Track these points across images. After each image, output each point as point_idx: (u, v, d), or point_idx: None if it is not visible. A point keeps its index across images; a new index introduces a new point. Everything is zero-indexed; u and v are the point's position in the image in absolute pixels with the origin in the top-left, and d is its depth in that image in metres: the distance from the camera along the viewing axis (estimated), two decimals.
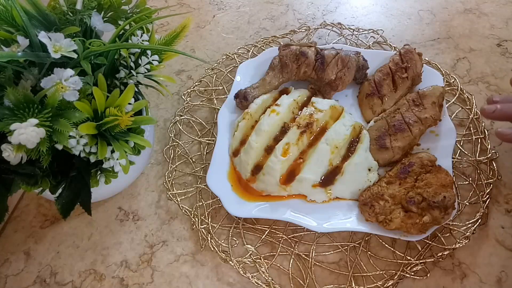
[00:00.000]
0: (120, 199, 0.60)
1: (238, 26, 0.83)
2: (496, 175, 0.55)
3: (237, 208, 0.54)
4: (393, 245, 0.51)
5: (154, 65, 0.49)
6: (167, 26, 0.84)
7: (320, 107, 0.60)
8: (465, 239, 0.50)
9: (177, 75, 0.75)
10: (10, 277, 0.54)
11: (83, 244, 0.56)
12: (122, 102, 0.43)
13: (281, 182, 0.55)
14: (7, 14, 0.43)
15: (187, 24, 0.52)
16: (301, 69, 0.63)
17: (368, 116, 0.63)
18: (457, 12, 0.80)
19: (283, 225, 0.55)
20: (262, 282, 0.50)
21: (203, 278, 0.52)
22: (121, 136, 0.45)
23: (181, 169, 0.62)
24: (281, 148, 0.56)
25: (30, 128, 0.36)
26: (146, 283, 0.52)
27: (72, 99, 0.39)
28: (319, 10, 0.84)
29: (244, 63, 0.70)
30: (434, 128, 0.59)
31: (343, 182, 0.55)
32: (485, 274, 0.49)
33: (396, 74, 0.62)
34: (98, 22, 0.48)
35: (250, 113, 0.62)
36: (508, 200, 0.54)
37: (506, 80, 0.67)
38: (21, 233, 0.57)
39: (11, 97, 0.37)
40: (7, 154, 0.38)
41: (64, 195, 0.46)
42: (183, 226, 0.57)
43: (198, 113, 0.69)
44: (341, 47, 0.67)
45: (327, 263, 0.51)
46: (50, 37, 0.40)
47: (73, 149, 0.41)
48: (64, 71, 0.39)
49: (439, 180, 0.50)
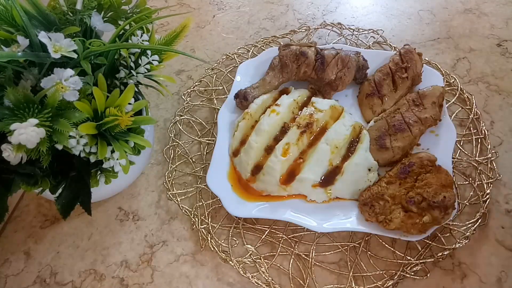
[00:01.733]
0: (120, 199, 0.60)
1: (238, 26, 0.83)
2: (496, 175, 0.55)
3: (237, 208, 0.54)
4: (393, 245, 0.51)
5: (154, 65, 0.49)
6: (167, 26, 0.84)
7: (320, 107, 0.60)
8: (465, 239, 0.50)
9: (177, 75, 0.75)
10: (10, 277, 0.54)
11: (83, 244, 0.56)
12: (122, 102, 0.43)
13: (281, 182, 0.55)
14: (7, 14, 0.43)
15: (187, 24, 0.52)
16: (301, 69, 0.63)
17: (368, 116, 0.63)
18: (457, 12, 0.80)
19: (283, 225, 0.55)
20: (262, 282, 0.50)
21: (203, 278, 0.52)
22: (121, 136, 0.45)
23: (181, 169, 0.62)
24: (281, 148, 0.56)
25: (30, 128, 0.36)
26: (146, 283, 0.52)
27: (72, 99, 0.39)
28: (319, 10, 0.84)
29: (244, 63, 0.70)
30: (434, 128, 0.59)
31: (343, 182, 0.55)
32: (485, 274, 0.49)
33: (396, 74, 0.62)
34: (98, 22, 0.48)
35: (250, 113, 0.62)
36: (508, 200, 0.54)
37: (506, 80, 0.67)
38: (21, 233, 0.57)
39: (11, 97, 0.37)
40: (7, 154, 0.38)
41: (64, 195, 0.46)
42: (183, 226, 0.57)
43: (198, 113, 0.69)
44: (341, 47, 0.67)
45: (327, 263, 0.51)
46: (50, 37, 0.40)
47: (73, 149, 0.41)
48: (64, 71, 0.39)
49: (439, 180, 0.50)
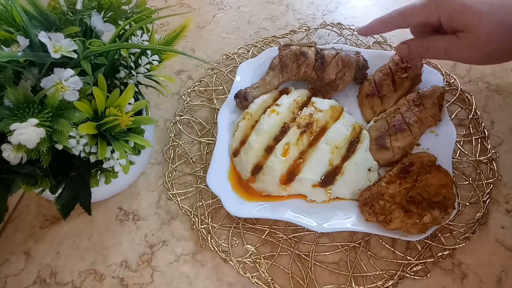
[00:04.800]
0: (120, 199, 0.60)
1: (238, 26, 0.83)
2: (496, 175, 0.55)
3: (237, 208, 0.54)
4: (393, 245, 0.51)
5: (154, 65, 0.49)
6: (167, 26, 0.84)
7: (320, 107, 0.60)
8: (465, 239, 0.50)
9: (177, 75, 0.75)
10: (10, 277, 0.54)
11: (83, 244, 0.56)
12: (122, 102, 0.43)
13: (281, 182, 0.55)
14: (7, 14, 0.43)
15: (187, 24, 0.52)
16: (301, 69, 0.63)
17: (368, 116, 0.63)
18: None
19: (283, 225, 0.55)
20: (262, 282, 0.50)
21: (203, 278, 0.52)
22: (121, 136, 0.45)
23: (181, 169, 0.62)
24: (281, 148, 0.56)
25: (30, 128, 0.36)
26: (146, 283, 0.52)
27: (72, 99, 0.39)
28: (319, 10, 0.84)
29: (244, 63, 0.70)
30: (434, 128, 0.59)
31: (343, 182, 0.55)
32: (485, 274, 0.49)
33: (396, 74, 0.62)
34: (98, 22, 0.48)
35: (250, 113, 0.62)
36: (508, 200, 0.54)
37: (506, 80, 0.67)
38: (21, 233, 0.57)
39: (11, 97, 0.37)
40: (7, 154, 0.38)
41: (64, 195, 0.46)
42: (183, 226, 0.57)
43: (198, 113, 0.69)
44: (341, 47, 0.67)
45: (327, 263, 0.51)
46: (50, 37, 0.40)
47: (73, 149, 0.41)
48: (64, 71, 0.39)
49: (439, 180, 0.50)
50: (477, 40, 0.46)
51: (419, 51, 0.53)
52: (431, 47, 0.51)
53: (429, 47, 0.51)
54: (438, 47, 0.50)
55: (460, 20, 0.46)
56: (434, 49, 0.51)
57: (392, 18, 0.52)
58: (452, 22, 0.47)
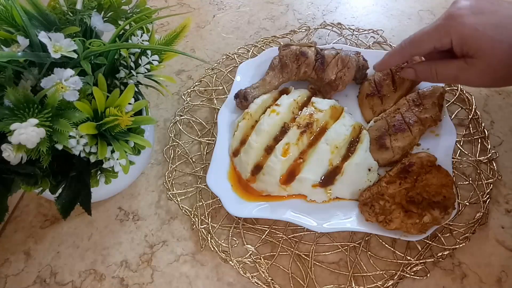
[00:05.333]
0: (120, 199, 0.60)
1: (238, 26, 0.83)
2: (496, 175, 0.55)
3: (237, 208, 0.54)
4: (393, 245, 0.51)
5: (154, 65, 0.49)
6: (167, 26, 0.84)
7: (320, 107, 0.60)
8: (465, 239, 0.50)
9: (177, 75, 0.75)
10: (10, 277, 0.54)
11: (83, 244, 0.56)
12: (122, 102, 0.43)
13: (281, 182, 0.55)
14: (7, 14, 0.43)
15: (187, 24, 0.52)
16: (301, 69, 0.63)
17: (368, 116, 0.63)
18: None
19: (283, 225, 0.55)
20: (262, 282, 0.50)
21: (203, 278, 0.52)
22: (121, 136, 0.45)
23: (181, 169, 0.62)
24: (281, 148, 0.56)
25: (30, 128, 0.36)
26: (146, 283, 0.52)
27: (72, 99, 0.39)
28: (319, 10, 0.84)
29: (244, 63, 0.70)
30: (434, 128, 0.59)
31: (343, 182, 0.55)
32: (485, 274, 0.49)
33: (396, 74, 0.62)
34: (98, 22, 0.48)
35: (250, 113, 0.62)
36: (508, 200, 0.54)
37: None
38: (21, 233, 0.58)
39: (11, 97, 0.37)
40: (7, 154, 0.38)
41: (64, 195, 0.46)
42: (183, 226, 0.57)
43: (198, 113, 0.69)
44: (341, 47, 0.67)
45: (327, 263, 0.51)
46: (50, 37, 0.40)
47: (73, 149, 0.41)
48: (64, 71, 0.39)
49: (439, 180, 0.50)
50: (488, 67, 0.46)
51: (427, 76, 0.52)
52: (439, 73, 0.50)
53: (438, 74, 0.51)
54: (448, 73, 0.50)
55: (472, 46, 0.45)
56: (442, 76, 0.51)
57: (403, 49, 0.52)
58: (463, 46, 0.46)
